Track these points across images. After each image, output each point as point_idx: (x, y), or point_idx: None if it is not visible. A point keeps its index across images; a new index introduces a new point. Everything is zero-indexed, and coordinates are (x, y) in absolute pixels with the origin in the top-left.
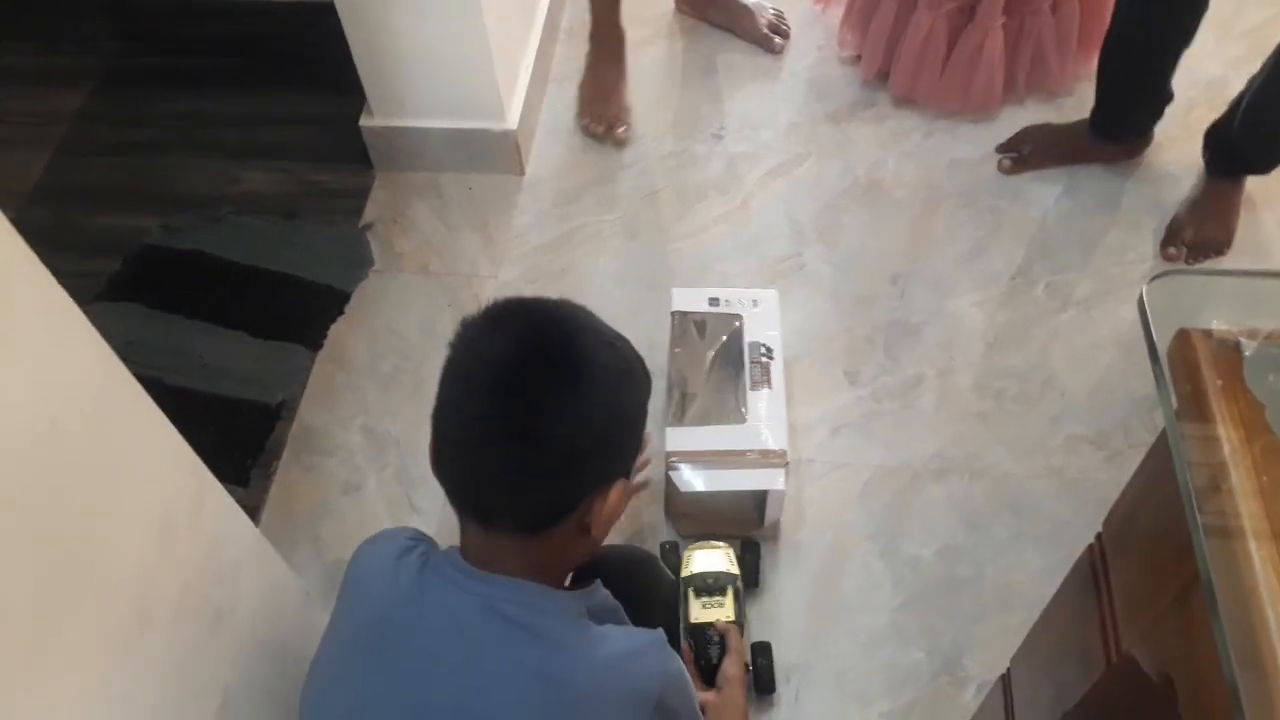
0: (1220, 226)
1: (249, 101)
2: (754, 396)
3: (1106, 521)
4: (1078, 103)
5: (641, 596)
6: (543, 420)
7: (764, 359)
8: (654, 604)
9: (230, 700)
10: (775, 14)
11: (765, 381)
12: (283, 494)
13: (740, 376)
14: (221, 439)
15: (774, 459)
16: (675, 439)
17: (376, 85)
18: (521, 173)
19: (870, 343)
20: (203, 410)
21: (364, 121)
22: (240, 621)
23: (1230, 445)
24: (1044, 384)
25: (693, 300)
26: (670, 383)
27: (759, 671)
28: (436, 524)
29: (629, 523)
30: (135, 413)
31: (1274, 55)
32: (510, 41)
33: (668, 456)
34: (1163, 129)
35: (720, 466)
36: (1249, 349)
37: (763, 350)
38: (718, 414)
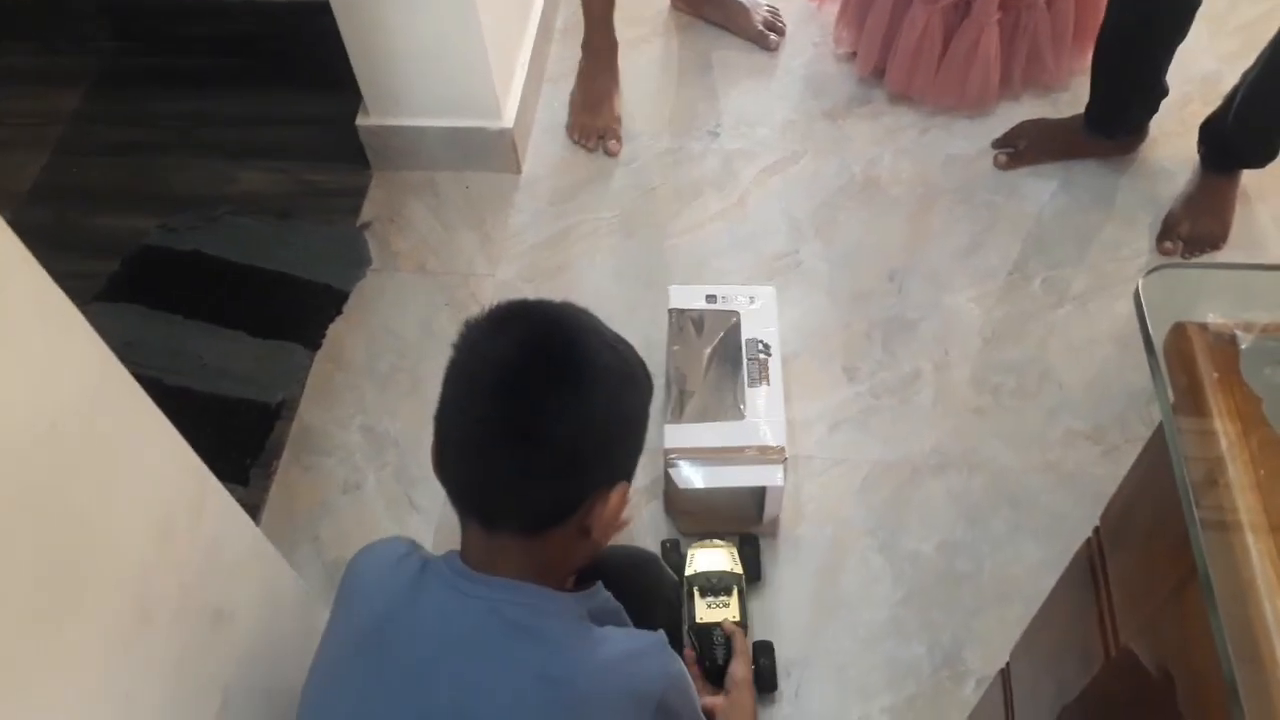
0: (1216, 221)
1: (246, 101)
2: (752, 393)
3: (1104, 515)
4: (1073, 98)
5: (643, 597)
6: (545, 421)
7: (762, 355)
8: (656, 605)
9: (230, 700)
10: (770, 11)
11: (763, 378)
12: (282, 494)
13: (738, 373)
14: (221, 439)
15: (772, 455)
16: (674, 436)
17: (372, 84)
18: (518, 171)
19: (868, 338)
20: (202, 410)
21: (360, 121)
22: (240, 622)
23: (1227, 439)
24: (1041, 378)
25: (690, 297)
26: (668, 380)
27: (761, 671)
28: (436, 522)
29: (630, 520)
30: (134, 413)
31: (1268, 49)
32: (506, 40)
33: (667, 454)
34: (1158, 124)
35: (719, 463)
36: (1245, 342)
37: (760, 347)
38: (716, 411)
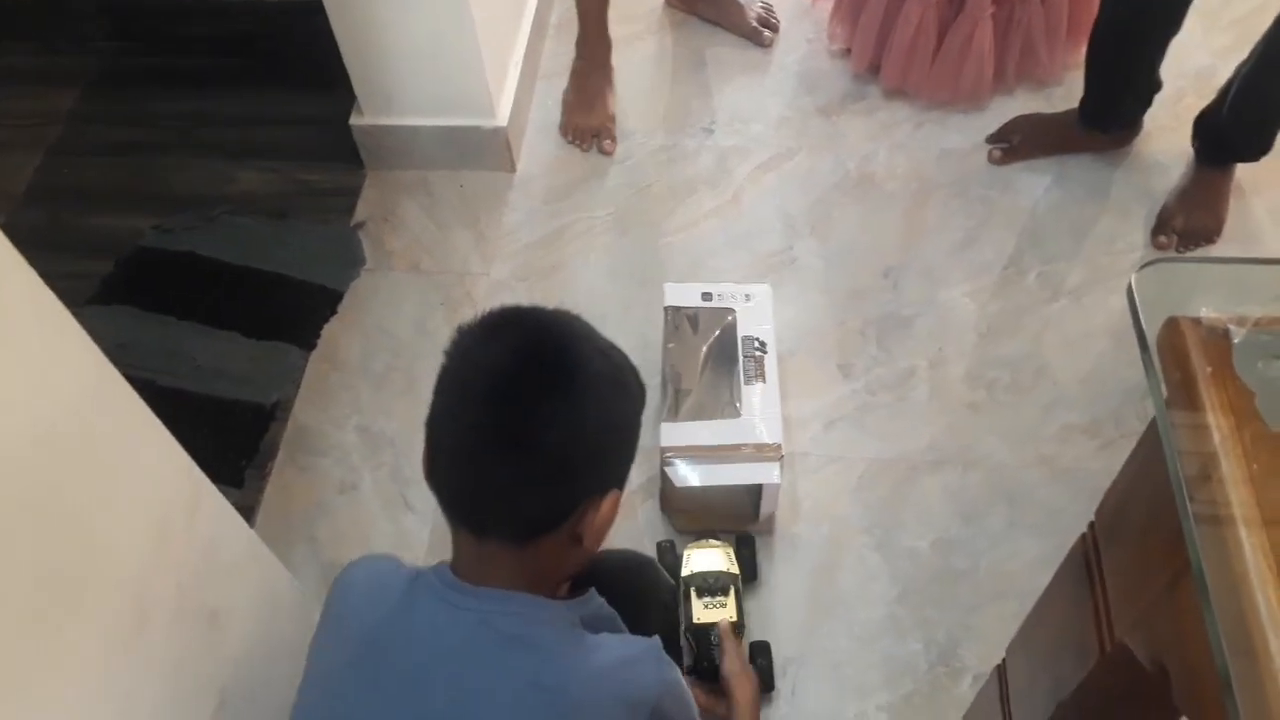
0: (1210, 214)
1: (242, 101)
2: (748, 391)
3: (1099, 510)
4: (1067, 92)
5: (639, 601)
6: (537, 428)
7: (757, 353)
8: (651, 609)
9: (228, 701)
10: (764, 8)
11: (759, 376)
12: (278, 494)
13: (734, 371)
14: (216, 440)
15: (769, 453)
16: (670, 434)
17: (366, 83)
18: (512, 170)
19: (863, 335)
20: (197, 411)
21: (354, 120)
22: (237, 622)
23: (1220, 433)
24: (1036, 373)
25: (685, 295)
26: (664, 378)
27: (759, 671)
28: (432, 523)
29: (625, 519)
30: (128, 416)
31: (1261, 43)
32: (499, 37)
33: (663, 452)
34: (1152, 118)
35: (715, 461)
36: (1238, 336)
37: (756, 344)
38: (712, 409)
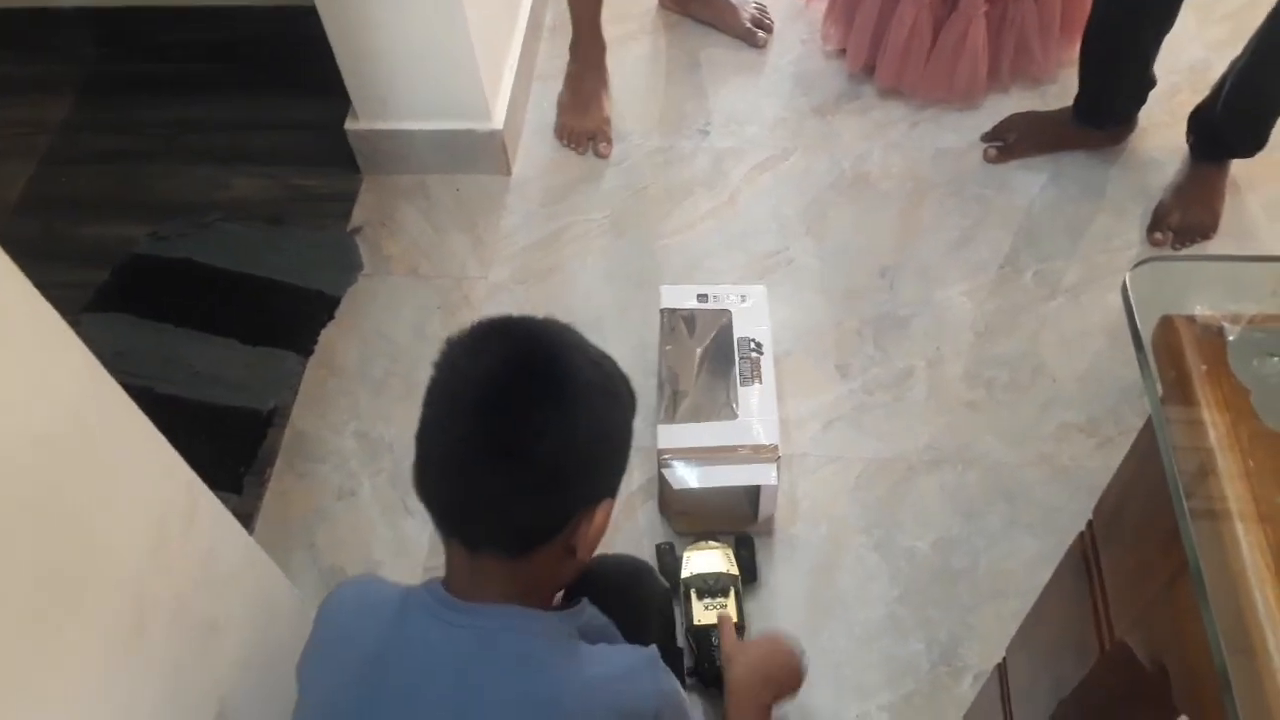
0: (1206, 210)
1: (235, 107)
2: (745, 392)
3: (1097, 509)
4: (1061, 90)
5: (639, 610)
6: (528, 438)
7: (754, 354)
8: (650, 616)
9: (227, 710)
10: (758, 8)
11: (756, 377)
12: (277, 501)
13: (731, 372)
14: (214, 447)
15: (766, 454)
16: (667, 436)
17: (360, 88)
18: (508, 173)
19: (860, 335)
20: (194, 419)
21: (349, 125)
22: (236, 631)
23: (1216, 430)
24: (1034, 372)
25: (681, 297)
26: (661, 380)
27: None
28: (431, 528)
29: (625, 521)
30: (123, 425)
31: (1255, 38)
32: (494, 40)
33: (660, 454)
34: (1146, 114)
35: (713, 463)
36: (1232, 334)
37: (753, 345)
38: (709, 410)
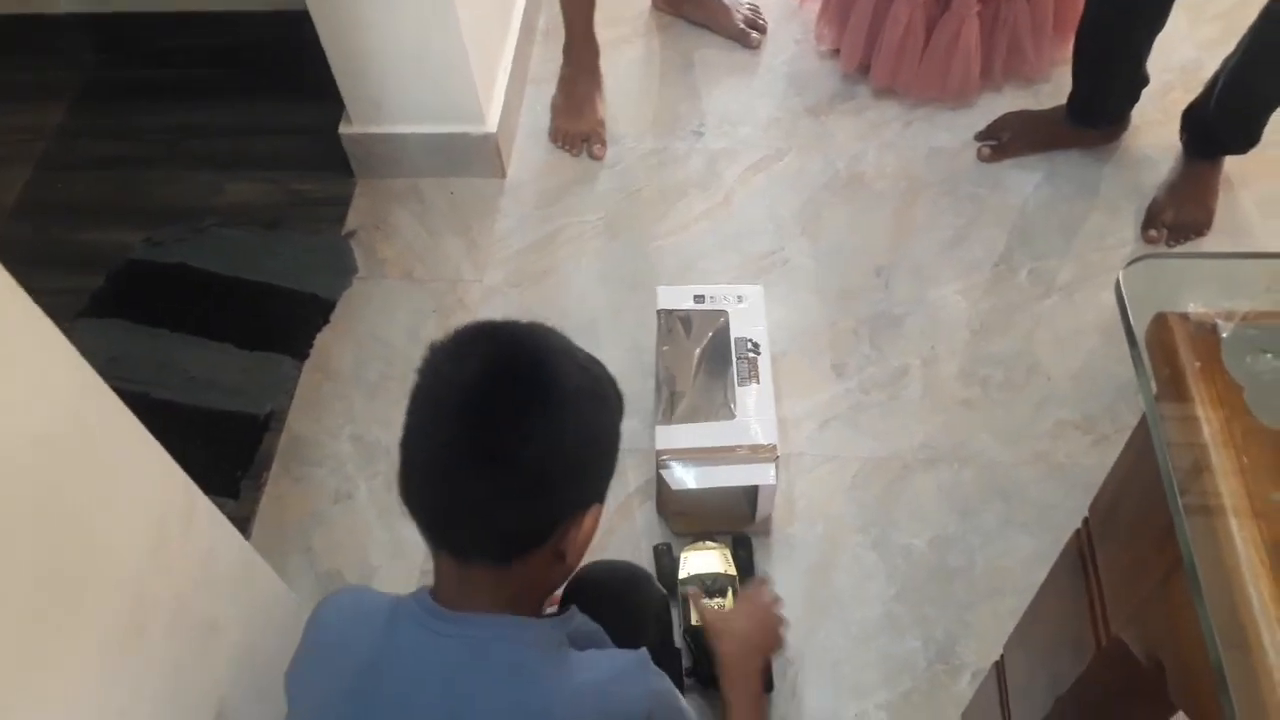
0: (1199, 208)
1: (230, 112)
2: (742, 392)
3: (1093, 506)
4: (1055, 89)
5: (634, 615)
6: (513, 442)
7: (751, 354)
8: (646, 621)
9: (226, 710)
10: (751, 9)
11: (753, 377)
12: (273, 505)
13: (728, 373)
14: (210, 451)
15: (764, 454)
16: (665, 437)
17: (354, 92)
18: (502, 176)
19: (855, 335)
20: (190, 423)
21: (343, 129)
22: (233, 634)
23: (1210, 427)
24: (1029, 370)
25: (678, 298)
26: (658, 381)
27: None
28: None
29: (623, 522)
30: (118, 430)
31: (1247, 36)
32: (487, 43)
33: (658, 455)
34: (1140, 112)
35: (711, 463)
36: (1226, 331)
37: (749, 346)
38: (707, 411)
